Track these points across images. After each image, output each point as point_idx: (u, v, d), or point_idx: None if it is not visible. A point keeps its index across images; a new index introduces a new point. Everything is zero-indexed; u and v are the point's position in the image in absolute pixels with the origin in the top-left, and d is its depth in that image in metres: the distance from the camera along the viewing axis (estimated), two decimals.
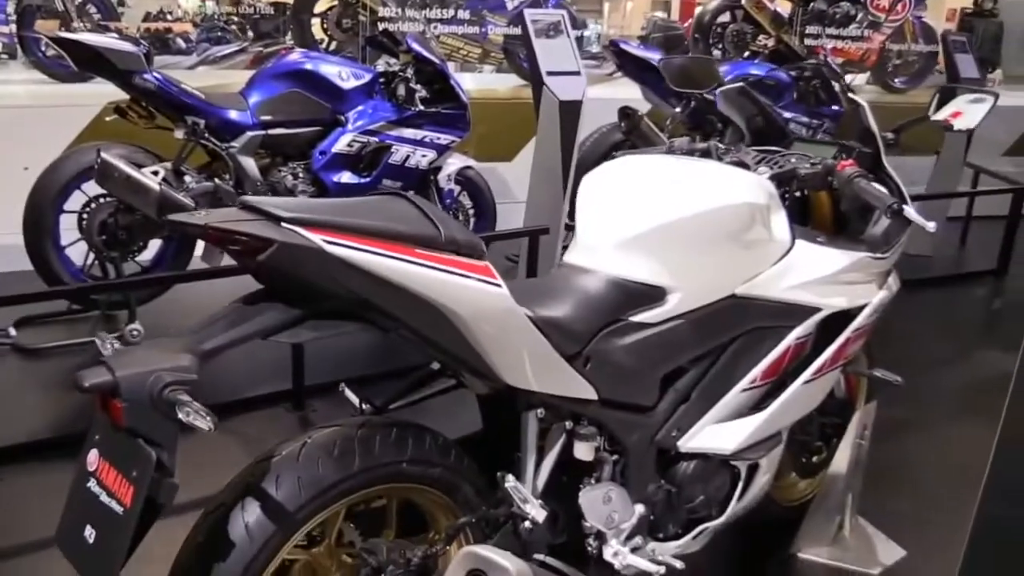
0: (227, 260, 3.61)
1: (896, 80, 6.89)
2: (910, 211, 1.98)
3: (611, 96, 5.01)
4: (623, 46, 4.83)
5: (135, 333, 3.55)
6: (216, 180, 3.55)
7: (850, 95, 2.29)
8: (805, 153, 2.27)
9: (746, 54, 6.66)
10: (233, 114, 3.58)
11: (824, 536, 2.56)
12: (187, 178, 3.55)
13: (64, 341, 3.55)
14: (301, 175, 3.68)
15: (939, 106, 2.71)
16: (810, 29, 6.44)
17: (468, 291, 1.48)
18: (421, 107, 3.85)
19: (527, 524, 1.65)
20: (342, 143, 3.73)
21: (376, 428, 1.57)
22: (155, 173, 3.42)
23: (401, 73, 3.88)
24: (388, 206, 1.51)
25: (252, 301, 1.44)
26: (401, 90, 3.84)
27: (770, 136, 2.44)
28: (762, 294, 1.97)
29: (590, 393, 1.73)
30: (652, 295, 1.83)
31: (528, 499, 1.63)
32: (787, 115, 5.31)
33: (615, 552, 1.80)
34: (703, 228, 1.89)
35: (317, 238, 1.36)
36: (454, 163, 4.16)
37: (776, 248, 2.00)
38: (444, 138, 3.98)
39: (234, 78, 5.17)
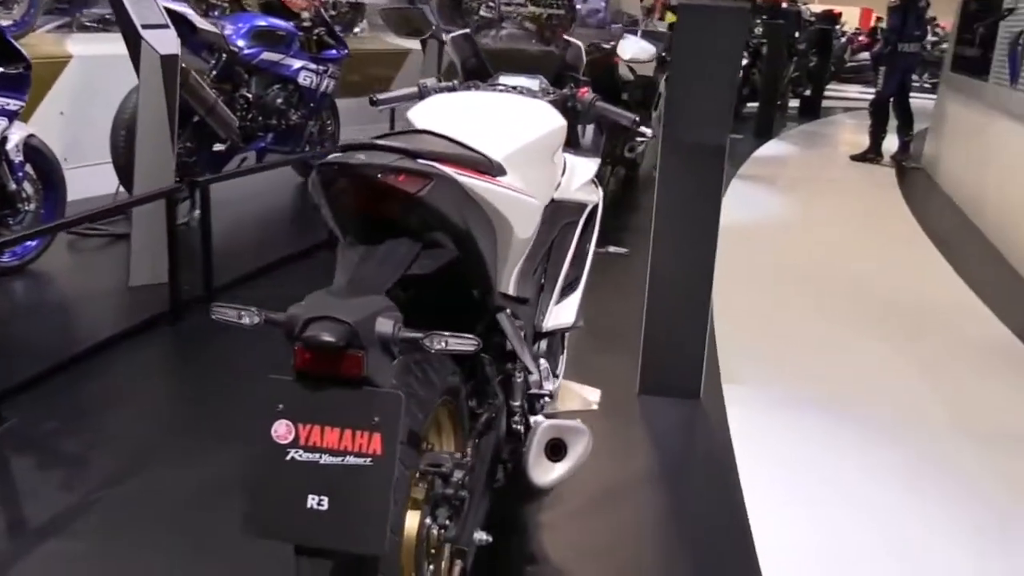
0: None
1: None
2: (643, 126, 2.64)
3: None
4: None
5: None
6: None
7: (567, 37, 2.81)
8: (517, 84, 2.75)
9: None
10: None
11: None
12: None
13: None
14: None
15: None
16: None
17: (525, 206, 1.69)
18: None
19: (547, 398, 1.92)
20: None
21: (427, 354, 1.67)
22: None
23: None
24: (436, 139, 1.59)
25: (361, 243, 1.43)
26: None
27: (479, 74, 2.86)
28: (565, 196, 2.44)
29: (514, 291, 2.03)
30: None
31: (549, 376, 1.90)
32: (299, 62, 5.63)
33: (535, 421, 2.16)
34: (543, 146, 2.28)
35: (450, 170, 1.45)
36: (17, 132, 3.61)
37: (561, 160, 2.49)
38: (13, 104, 3.43)
39: None
